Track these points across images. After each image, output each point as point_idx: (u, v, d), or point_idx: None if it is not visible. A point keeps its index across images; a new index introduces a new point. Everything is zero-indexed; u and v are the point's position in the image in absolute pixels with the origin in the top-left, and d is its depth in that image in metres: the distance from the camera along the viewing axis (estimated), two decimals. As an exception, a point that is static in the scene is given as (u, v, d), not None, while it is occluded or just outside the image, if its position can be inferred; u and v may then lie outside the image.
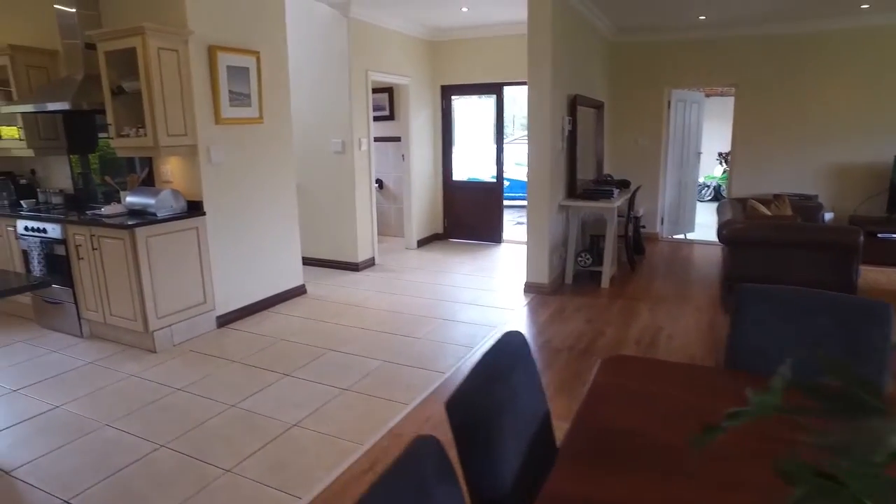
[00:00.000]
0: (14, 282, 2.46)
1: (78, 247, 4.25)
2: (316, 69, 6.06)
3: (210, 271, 4.45)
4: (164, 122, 4.03)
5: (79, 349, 4.23)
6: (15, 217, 4.61)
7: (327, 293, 5.51)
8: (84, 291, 4.34)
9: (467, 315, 4.85)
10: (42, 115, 4.87)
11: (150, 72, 3.91)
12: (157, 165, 4.53)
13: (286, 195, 5.16)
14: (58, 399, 3.45)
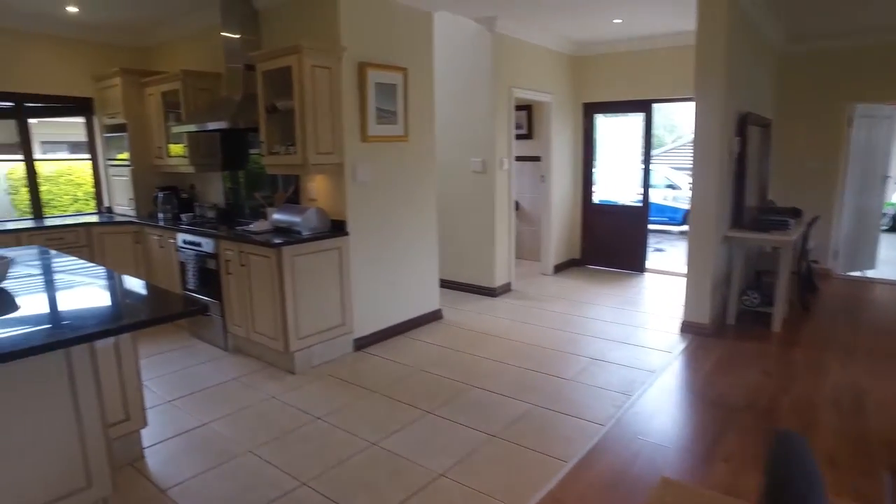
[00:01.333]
0: (174, 306, 2.36)
1: (227, 262, 4.28)
2: (458, 86, 5.86)
3: (350, 293, 4.31)
4: (315, 139, 3.95)
5: (224, 363, 4.24)
6: (176, 230, 4.78)
7: (464, 320, 5.21)
8: (231, 306, 4.37)
9: (618, 355, 4.31)
10: (203, 134, 5.05)
11: (303, 89, 3.85)
12: (303, 183, 4.49)
13: (427, 216, 4.95)
14: (206, 415, 3.40)
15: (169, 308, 2.35)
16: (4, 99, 5.35)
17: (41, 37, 5.37)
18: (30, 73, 5.37)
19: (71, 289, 2.81)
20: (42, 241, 5.04)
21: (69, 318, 2.24)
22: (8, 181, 7.11)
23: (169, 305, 2.40)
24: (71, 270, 3.25)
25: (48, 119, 6.85)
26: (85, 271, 3.18)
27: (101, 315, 2.29)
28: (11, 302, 2.57)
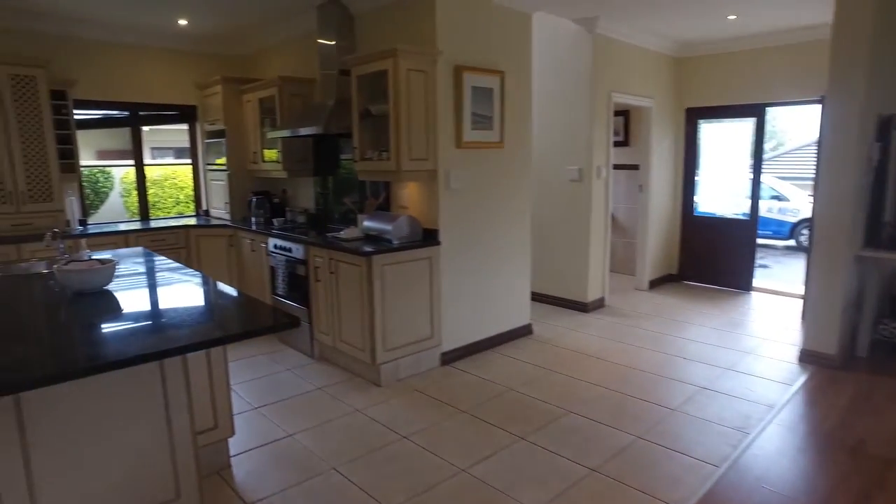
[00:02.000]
0: (267, 318, 2.27)
1: (317, 268, 4.23)
2: (554, 90, 5.58)
3: (439, 304, 4.14)
4: (408, 145, 3.82)
5: (309, 371, 4.19)
6: (267, 235, 4.80)
7: (555, 336, 4.91)
8: (319, 314, 4.31)
9: (728, 385, 3.88)
10: (297, 139, 5.06)
11: (398, 93, 3.73)
12: (394, 190, 4.38)
13: (520, 226, 4.71)
14: (291, 425, 3.32)
15: (262, 320, 2.26)
16: (121, 108, 5.64)
17: (154, 50, 5.62)
18: (143, 83, 5.62)
19: (169, 295, 2.80)
20: (147, 241, 5.24)
21: (169, 326, 2.18)
22: (122, 184, 7.54)
23: (262, 317, 2.30)
24: (169, 275, 3.26)
25: (159, 126, 7.21)
26: (182, 276, 3.19)
27: (198, 323, 2.22)
28: (116, 305, 2.58)
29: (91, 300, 2.58)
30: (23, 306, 2.64)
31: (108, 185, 7.61)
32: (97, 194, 7.47)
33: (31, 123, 4.75)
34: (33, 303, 2.69)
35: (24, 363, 1.78)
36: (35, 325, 2.31)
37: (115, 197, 7.65)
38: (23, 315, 2.47)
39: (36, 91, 4.75)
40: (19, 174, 4.75)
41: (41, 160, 4.83)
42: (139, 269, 3.41)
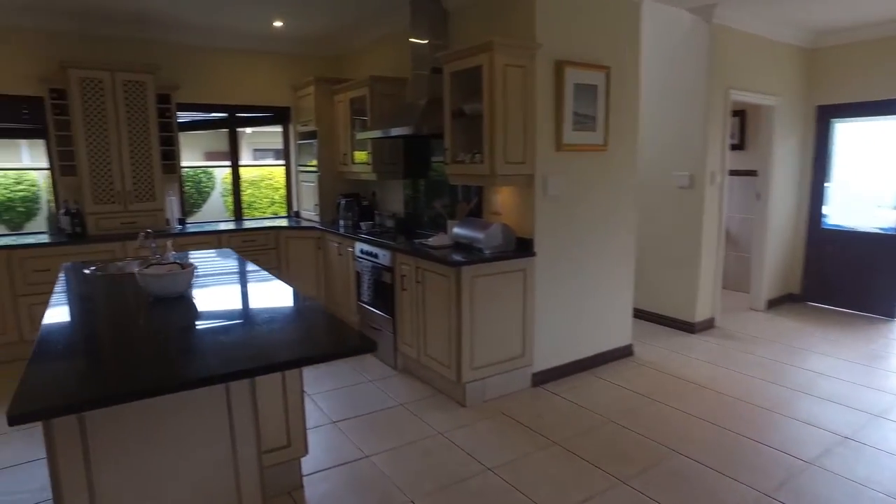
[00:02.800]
0: (341, 341, 2.04)
1: (403, 277, 4.02)
2: (665, 88, 5.07)
3: (532, 320, 3.80)
4: (503, 147, 3.52)
5: (391, 385, 3.98)
6: (354, 239, 4.67)
7: (658, 359, 4.42)
8: (403, 324, 4.10)
9: (878, 436, 3.23)
10: (387, 141, 4.91)
11: (493, 91, 3.44)
12: (487, 195, 4.09)
13: (623, 237, 4.27)
14: (368, 445, 3.11)
15: (338, 341, 2.03)
16: (220, 111, 5.75)
17: (250, 53, 5.69)
18: (240, 86, 5.70)
19: (245, 305, 2.67)
20: (238, 242, 5.28)
21: (239, 344, 2.02)
22: (223, 184, 7.78)
23: (339, 337, 2.08)
24: (250, 282, 3.16)
25: (260, 128, 7.36)
26: (262, 284, 3.07)
27: (270, 342, 2.04)
28: (190, 315, 2.47)
29: (168, 306, 2.49)
30: (103, 311, 2.59)
31: (209, 185, 7.88)
32: (200, 193, 7.74)
33: (139, 126, 4.90)
34: (113, 307, 2.64)
35: (86, 378, 1.66)
36: (109, 334, 2.22)
37: (216, 196, 7.93)
38: (101, 320, 2.41)
39: (144, 96, 4.89)
40: (127, 174, 4.91)
41: (146, 161, 4.98)
42: (222, 273, 3.34)
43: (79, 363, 1.85)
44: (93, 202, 4.83)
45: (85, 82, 4.67)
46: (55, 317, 2.33)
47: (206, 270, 3.39)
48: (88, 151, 4.75)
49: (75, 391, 1.58)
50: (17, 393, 1.53)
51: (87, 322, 2.39)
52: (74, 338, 2.14)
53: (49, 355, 1.86)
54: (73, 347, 2.01)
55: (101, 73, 4.71)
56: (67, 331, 2.19)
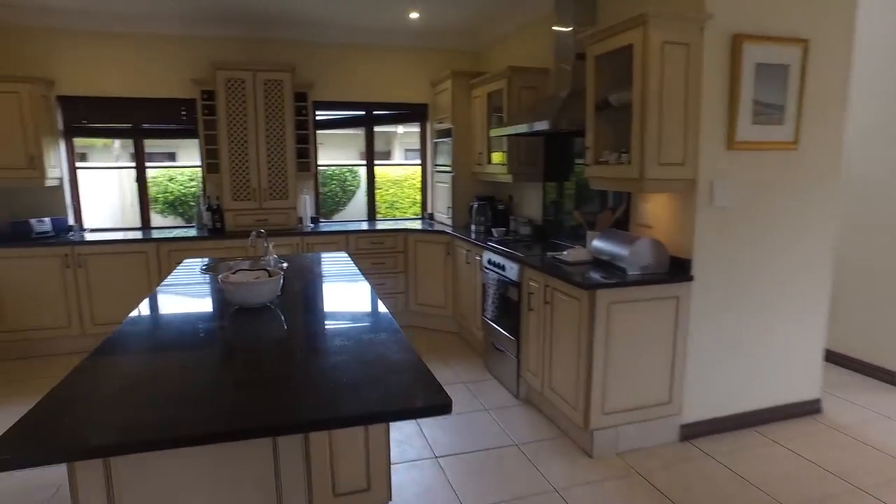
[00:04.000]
0: (420, 394, 1.58)
1: (530, 294, 3.50)
2: (885, 67, 3.94)
3: (683, 360, 3.07)
4: (656, 145, 2.84)
5: (510, 417, 3.48)
6: (483, 247, 4.23)
7: (857, 423, 3.39)
8: (528, 349, 3.58)
9: None
10: (525, 139, 4.41)
11: (647, 74, 2.78)
12: (636, 203, 3.42)
13: (816, 260, 3.32)
14: (471, 495, 2.64)
15: (412, 396, 1.56)
16: (357, 108, 5.66)
17: (386, 48, 5.51)
18: (376, 83, 5.55)
19: (325, 324, 2.34)
20: (366, 243, 5.12)
21: (304, 382, 1.67)
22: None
23: (416, 391, 1.61)
24: (345, 297, 2.85)
25: (398, 128, 7.28)
26: (356, 295, 2.74)
27: (338, 381, 1.67)
28: (265, 332, 2.20)
29: (245, 319, 2.26)
30: (177, 321, 2.40)
31: (354, 184, 7.96)
32: (345, 192, 7.86)
33: (276, 125, 4.93)
34: (192, 316, 2.45)
35: (104, 414, 1.39)
36: (163, 357, 1.98)
37: (360, 196, 7.99)
38: (169, 332, 2.22)
39: (282, 94, 4.91)
40: (263, 172, 4.97)
41: (281, 159, 4.99)
42: (325, 278, 3.08)
43: (110, 387, 1.61)
44: (231, 198, 4.94)
45: (230, 83, 4.78)
46: (129, 323, 2.19)
47: (308, 275, 3.16)
48: (230, 149, 4.87)
49: (83, 434, 1.32)
50: (16, 426, 1.31)
51: (153, 333, 2.21)
52: (126, 352, 1.94)
53: (86, 377, 1.65)
54: (114, 368, 1.80)
55: (244, 74, 4.79)
56: (124, 342, 2.01)
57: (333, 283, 3.10)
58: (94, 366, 1.74)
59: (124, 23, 4.83)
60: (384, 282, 5.21)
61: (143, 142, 5.21)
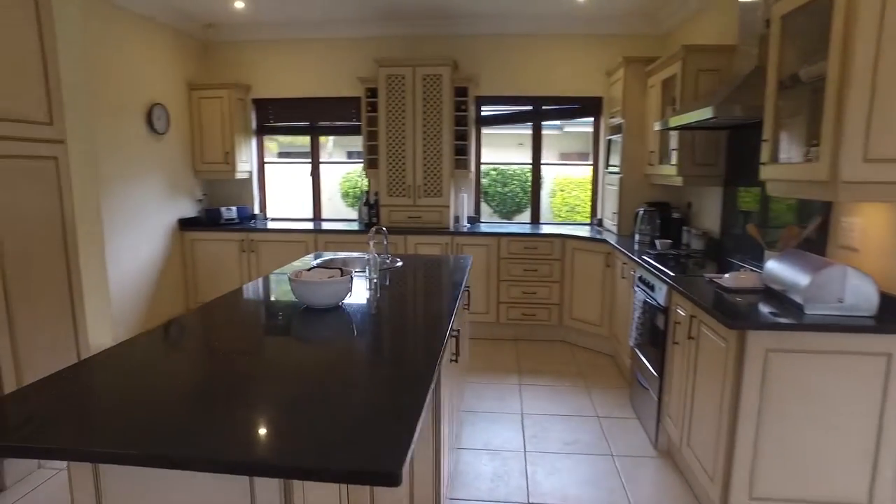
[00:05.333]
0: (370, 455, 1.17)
1: (676, 324, 2.76)
2: None
3: (887, 440, 2.10)
4: (863, 132, 1.95)
5: (641, 471, 2.78)
6: (637, 261, 3.52)
7: None
8: (670, 390, 2.84)
9: None
10: (704, 134, 3.57)
11: (852, 33, 1.91)
12: (835, 216, 2.47)
13: None
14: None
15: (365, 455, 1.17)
16: (523, 103, 5.24)
17: (555, 37, 5.00)
18: (546, 75, 5.07)
19: (373, 342, 2.00)
20: (519, 248, 4.71)
21: (311, 413, 1.38)
22: (553, 185, 7.35)
23: (371, 450, 1.21)
24: (416, 307, 2.49)
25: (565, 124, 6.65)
26: (426, 315, 2.36)
27: (328, 424, 1.34)
28: (323, 332, 1.95)
29: (307, 321, 2.10)
30: (247, 315, 2.27)
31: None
32: (525, 193, 7.49)
33: (433, 121, 4.77)
34: (265, 312, 2.31)
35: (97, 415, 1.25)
36: (209, 359, 1.84)
37: (545, 197, 7.54)
38: (231, 326, 2.08)
39: (440, 89, 4.72)
40: (418, 169, 4.84)
41: (437, 156, 4.81)
42: (422, 285, 2.76)
43: (125, 382, 1.47)
44: (387, 194, 4.91)
45: (390, 79, 4.74)
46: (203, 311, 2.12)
47: (411, 280, 2.86)
48: (388, 145, 4.84)
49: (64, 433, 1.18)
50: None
51: (206, 322, 2.09)
52: (151, 345, 1.83)
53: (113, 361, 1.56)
54: (148, 357, 1.68)
55: (404, 69, 4.71)
56: (180, 331, 1.91)
57: (429, 291, 2.77)
58: (104, 359, 1.66)
59: (304, 30, 5.12)
60: (535, 291, 4.72)
61: (318, 138, 5.49)
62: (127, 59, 4.32)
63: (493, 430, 3.22)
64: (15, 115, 2.63)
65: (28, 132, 2.70)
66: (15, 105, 2.62)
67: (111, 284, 4.19)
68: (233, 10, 4.69)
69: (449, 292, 2.60)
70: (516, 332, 4.85)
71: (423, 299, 2.57)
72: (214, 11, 4.75)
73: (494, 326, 4.84)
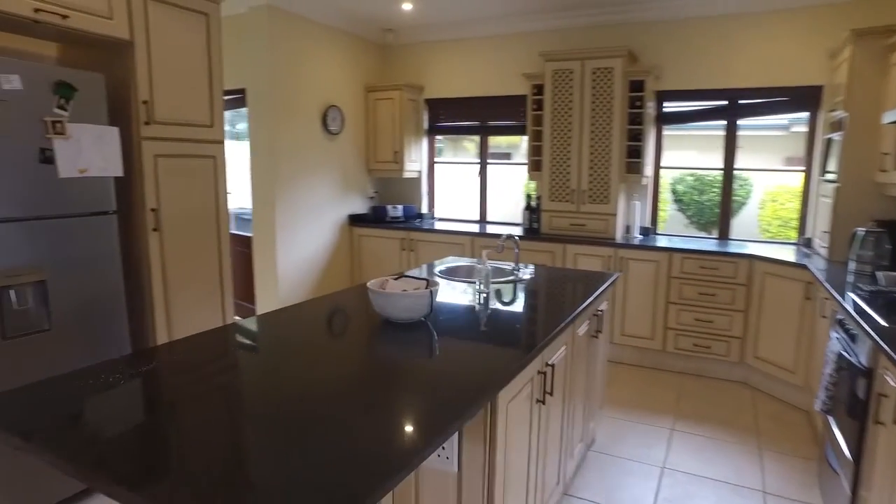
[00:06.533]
0: None
1: (881, 397, 1.94)
2: None
3: None
4: None
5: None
6: (840, 300, 2.63)
7: None
8: (869, 484, 2.02)
9: None
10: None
11: None
12: None
13: None
14: None
15: None
16: (716, 97, 4.38)
17: (758, 15, 4.02)
18: (744, 62, 4.15)
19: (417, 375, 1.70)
20: (693, 266, 3.97)
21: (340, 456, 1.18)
22: (766, 196, 6.20)
23: None
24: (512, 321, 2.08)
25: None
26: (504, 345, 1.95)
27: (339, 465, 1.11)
28: (383, 352, 1.73)
29: (382, 337, 1.91)
30: (318, 326, 2.11)
31: (741, 194, 6.41)
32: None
33: (602, 119, 4.22)
34: (337, 323, 2.13)
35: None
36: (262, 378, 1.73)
37: (752, 209, 6.38)
38: (300, 339, 1.95)
39: (611, 83, 4.15)
40: (584, 172, 4.34)
41: (604, 159, 4.26)
42: (540, 303, 2.34)
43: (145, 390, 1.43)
44: (549, 199, 4.50)
45: (557, 74, 4.31)
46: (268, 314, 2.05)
47: (535, 296, 2.47)
48: (552, 146, 4.42)
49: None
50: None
51: (284, 334, 1.98)
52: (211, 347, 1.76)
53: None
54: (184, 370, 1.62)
55: (572, 63, 4.23)
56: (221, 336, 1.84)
57: (539, 311, 2.35)
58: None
59: (472, 28, 4.96)
60: (711, 319, 3.91)
61: (487, 139, 5.28)
62: (309, 65, 4.60)
63: (620, 480, 2.68)
64: (189, 119, 2.89)
65: (197, 134, 2.95)
66: (189, 111, 2.88)
67: (287, 269, 4.53)
68: (402, 13, 4.71)
69: (559, 315, 2.17)
70: (684, 365, 4.08)
71: (526, 321, 2.18)
72: (389, 16, 4.83)
73: (658, 355, 4.14)
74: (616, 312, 4.17)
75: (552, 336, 1.92)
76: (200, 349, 1.75)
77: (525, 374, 1.74)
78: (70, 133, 2.31)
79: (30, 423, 1.21)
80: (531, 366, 1.78)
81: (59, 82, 2.28)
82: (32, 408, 1.28)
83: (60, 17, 2.32)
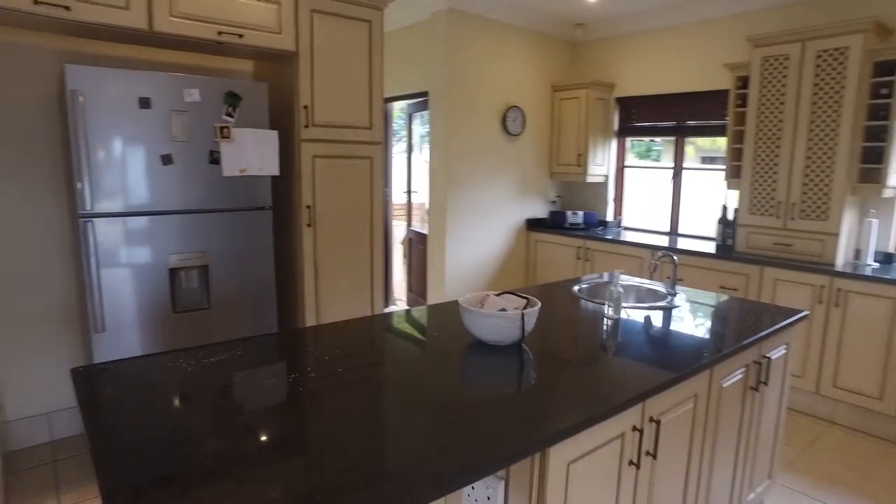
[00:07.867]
0: None
1: None
2: None
3: None
4: None
5: None
6: None
7: None
8: None
9: None
10: None
11: None
12: None
13: None
14: None
15: None
16: None
17: None
18: None
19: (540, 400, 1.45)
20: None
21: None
22: None
23: None
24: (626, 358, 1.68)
25: None
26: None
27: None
28: (454, 389, 1.56)
29: (470, 360, 1.73)
30: (408, 350, 1.98)
31: None
32: None
33: (825, 114, 3.32)
34: (431, 344, 1.97)
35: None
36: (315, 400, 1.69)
37: None
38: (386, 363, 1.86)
39: (843, 69, 3.23)
40: (795, 181, 3.48)
41: (826, 164, 3.34)
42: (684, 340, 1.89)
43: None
44: (748, 212, 3.71)
45: (767, 62, 3.51)
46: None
47: (667, 324, 2.00)
48: (755, 148, 3.63)
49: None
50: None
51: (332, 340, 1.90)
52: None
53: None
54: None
55: (789, 47, 3.40)
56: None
57: (671, 350, 1.87)
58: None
59: (669, 15, 4.34)
60: None
61: (683, 140, 4.58)
62: (489, 66, 4.50)
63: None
64: (348, 122, 3.04)
65: (356, 136, 3.09)
66: (349, 115, 3.04)
67: (456, 268, 4.54)
68: (588, 6, 4.31)
69: (686, 359, 1.71)
70: (929, 442, 3.00)
71: (644, 361, 1.76)
72: (573, 10, 4.47)
73: (891, 423, 3.11)
74: (827, 357, 3.25)
75: (657, 388, 1.51)
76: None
77: (602, 431, 1.39)
78: (234, 137, 2.57)
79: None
80: (615, 420, 1.42)
81: (228, 93, 2.55)
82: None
83: (238, 37, 2.60)
